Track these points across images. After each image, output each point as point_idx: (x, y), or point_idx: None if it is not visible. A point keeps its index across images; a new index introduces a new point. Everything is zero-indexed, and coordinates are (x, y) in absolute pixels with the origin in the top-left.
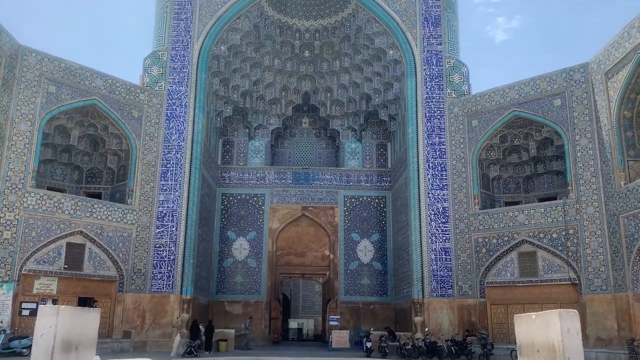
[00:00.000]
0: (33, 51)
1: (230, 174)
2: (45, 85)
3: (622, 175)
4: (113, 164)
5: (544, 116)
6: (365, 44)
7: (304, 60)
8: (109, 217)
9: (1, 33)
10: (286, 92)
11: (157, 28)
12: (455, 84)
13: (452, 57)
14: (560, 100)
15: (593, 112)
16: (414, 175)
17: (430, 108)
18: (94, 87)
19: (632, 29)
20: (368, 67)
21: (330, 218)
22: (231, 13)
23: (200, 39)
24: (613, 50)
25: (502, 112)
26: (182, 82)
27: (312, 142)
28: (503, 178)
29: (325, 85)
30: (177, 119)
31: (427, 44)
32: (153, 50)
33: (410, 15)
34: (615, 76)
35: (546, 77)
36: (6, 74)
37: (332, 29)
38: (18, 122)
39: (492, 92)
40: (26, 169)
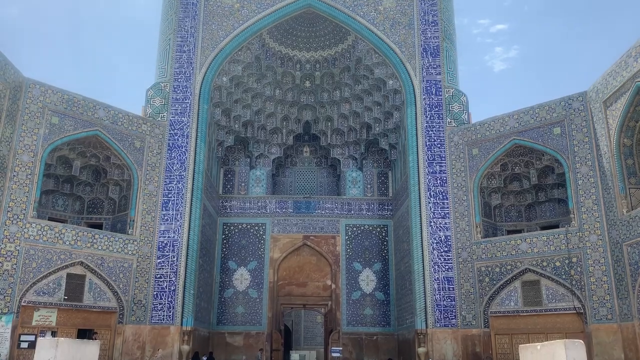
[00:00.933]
0: (37, 83)
1: (232, 203)
2: (49, 117)
3: (624, 203)
4: (115, 194)
5: (544, 144)
6: (365, 74)
7: (304, 90)
8: (109, 248)
9: (6, 66)
10: (287, 122)
11: (159, 60)
12: (455, 113)
13: (452, 86)
14: (559, 128)
15: (593, 140)
16: (415, 203)
17: (431, 137)
18: (96, 118)
19: (629, 58)
20: (368, 97)
21: (331, 247)
22: (233, 45)
23: (202, 70)
24: (611, 79)
25: (502, 141)
26: (184, 113)
27: (313, 171)
28: (505, 206)
29: (326, 114)
30: (179, 149)
31: (426, 74)
32: (156, 82)
33: (409, 46)
34: (613, 104)
35: (545, 106)
36: (10, 105)
37: (333, 60)
38: (21, 153)
39: (491, 121)
40: (28, 200)
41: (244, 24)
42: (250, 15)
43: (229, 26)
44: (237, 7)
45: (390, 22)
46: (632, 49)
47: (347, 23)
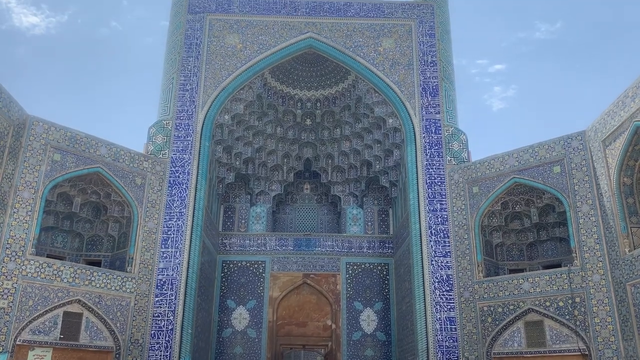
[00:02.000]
0: (40, 120)
1: (231, 240)
2: (51, 154)
3: (626, 243)
4: (114, 231)
5: (544, 183)
6: (365, 112)
7: (305, 128)
8: (107, 285)
9: (11, 104)
10: (288, 159)
11: (162, 98)
12: (455, 151)
13: (451, 125)
14: (559, 167)
15: (593, 179)
16: (416, 241)
17: (431, 175)
18: (98, 155)
19: (626, 98)
20: (368, 135)
21: (332, 286)
22: (235, 84)
23: (204, 108)
24: (609, 119)
25: (502, 179)
26: (186, 150)
27: (314, 208)
28: (506, 245)
29: (327, 152)
30: (180, 186)
31: (425, 113)
32: (158, 120)
33: (408, 86)
34: (612, 144)
35: (544, 145)
36: (13, 142)
37: (333, 99)
38: (21, 189)
39: (491, 159)
40: (27, 237)
41: (246, 64)
42: (253, 56)
43: (232, 66)
44: (239, 47)
45: (389, 62)
46: (629, 90)
47: (347, 63)
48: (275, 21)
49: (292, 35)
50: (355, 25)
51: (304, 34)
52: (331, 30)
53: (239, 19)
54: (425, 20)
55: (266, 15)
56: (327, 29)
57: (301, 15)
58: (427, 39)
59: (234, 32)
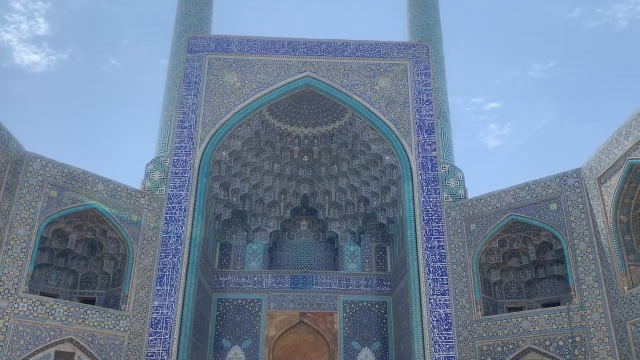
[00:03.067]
0: (38, 157)
1: (227, 277)
2: (47, 190)
3: (624, 280)
4: (109, 268)
5: (541, 220)
6: (362, 149)
7: (302, 164)
8: (101, 324)
9: (9, 140)
10: (285, 195)
11: (161, 135)
12: (452, 188)
13: (447, 162)
14: (556, 204)
15: (589, 217)
16: (414, 279)
17: (428, 212)
18: (95, 192)
19: (619, 136)
20: (365, 172)
21: (329, 325)
22: (233, 121)
23: (202, 145)
24: (604, 157)
25: (499, 216)
26: (183, 187)
27: (311, 245)
28: (504, 283)
29: (324, 188)
30: (176, 223)
31: (422, 150)
32: (156, 156)
33: (404, 123)
34: (608, 181)
35: (541, 182)
36: (10, 179)
37: (330, 136)
38: (17, 226)
39: (488, 197)
40: (20, 274)
41: (244, 102)
42: (251, 93)
43: (230, 103)
44: (238, 85)
45: (385, 100)
46: (622, 128)
47: (344, 101)
48: (274, 60)
49: (290, 74)
50: (352, 65)
51: (301, 72)
52: (328, 69)
53: (237, 58)
54: (421, 60)
55: (265, 54)
56: (325, 68)
57: (299, 54)
58: (423, 78)
59: (232, 71)
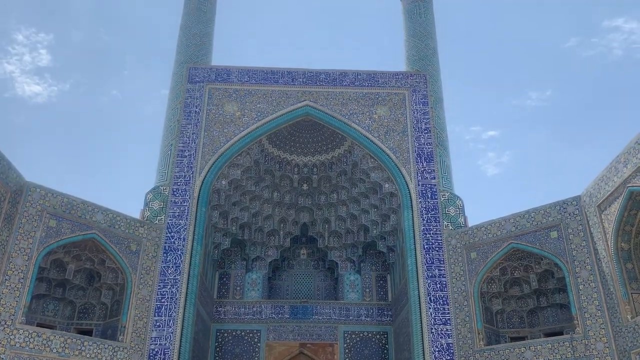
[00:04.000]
0: (38, 187)
1: (226, 308)
2: (46, 220)
3: (627, 309)
4: (107, 298)
5: (541, 248)
6: (361, 177)
7: (302, 193)
8: (98, 356)
9: (9, 170)
10: (284, 224)
11: (160, 164)
12: (452, 217)
13: (447, 190)
14: (556, 232)
15: (590, 244)
16: (415, 309)
17: (429, 240)
18: (94, 221)
19: (618, 163)
20: (365, 200)
21: (329, 356)
22: (233, 150)
23: (202, 174)
24: (603, 184)
25: (499, 244)
26: (182, 216)
27: (311, 274)
28: (506, 312)
29: (323, 217)
30: (175, 252)
31: (421, 178)
32: (155, 185)
33: (403, 152)
34: (608, 209)
35: (540, 210)
36: (9, 209)
37: (329, 164)
38: (15, 256)
39: (488, 225)
40: (17, 305)
41: (244, 131)
42: (251, 123)
43: (230, 132)
44: (238, 115)
45: (384, 129)
46: (621, 155)
47: (343, 130)
48: (273, 90)
49: (289, 103)
50: (351, 94)
51: (301, 102)
52: (327, 98)
53: (238, 88)
54: (419, 89)
55: (264, 84)
56: (324, 97)
57: (298, 84)
58: (421, 106)
59: (232, 101)
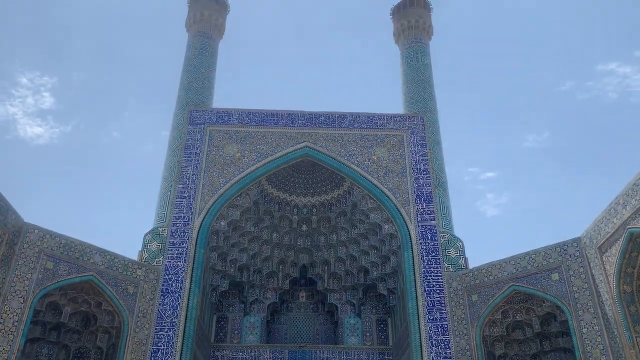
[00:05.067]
0: (36, 228)
1: (224, 352)
2: (44, 262)
3: (632, 353)
4: (103, 342)
5: (543, 290)
6: (361, 218)
7: (301, 234)
8: None
9: (8, 211)
10: (284, 265)
11: (160, 205)
12: (452, 258)
13: (447, 231)
14: (557, 274)
15: (592, 287)
16: (417, 353)
17: (429, 282)
18: (92, 263)
19: (617, 205)
20: (365, 241)
21: None
22: (232, 191)
23: (201, 215)
24: (603, 226)
25: (501, 287)
26: (180, 257)
27: (310, 317)
28: (509, 356)
29: (323, 258)
30: (173, 295)
31: (421, 219)
32: (154, 227)
33: (402, 193)
34: (609, 250)
35: (541, 252)
36: (6, 250)
37: (329, 205)
38: (10, 299)
39: (489, 267)
40: (11, 349)
41: (244, 172)
42: (251, 164)
43: (230, 173)
44: (238, 156)
45: (383, 170)
46: (619, 197)
47: (342, 171)
48: (274, 132)
49: (289, 145)
50: (350, 136)
51: (300, 143)
52: (326, 139)
53: (238, 130)
54: (416, 131)
55: (265, 126)
56: (323, 139)
57: (298, 126)
58: (419, 148)
59: (233, 142)
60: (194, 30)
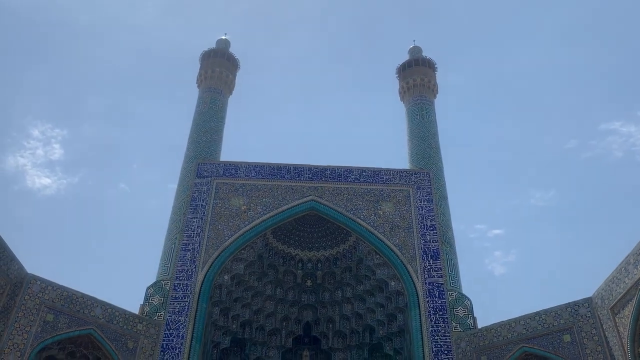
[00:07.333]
0: (38, 279)
1: None
2: (44, 314)
3: None
4: None
5: (555, 353)
6: (366, 274)
7: (305, 289)
8: None
9: (12, 262)
10: (287, 322)
11: (163, 258)
12: (460, 318)
13: (454, 289)
14: (569, 335)
15: (606, 349)
16: None
17: (437, 342)
18: (92, 316)
19: (628, 264)
20: (370, 298)
21: None
22: (237, 244)
23: (205, 268)
24: (614, 286)
25: (510, 348)
26: (182, 312)
27: None
28: None
29: (327, 315)
30: (173, 351)
31: (428, 276)
32: (157, 280)
33: (409, 249)
34: (621, 311)
35: (552, 312)
36: (7, 301)
37: (334, 260)
38: (8, 352)
39: (498, 327)
40: None
41: (249, 224)
42: (256, 217)
43: (235, 226)
44: (244, 209)
45: (389, 225)
46: (630, 256)
47: (348, 225)
48: (280, 185)
49: (295, 198)
50: (356, 190)
51: (306, 196)
52: (332, 193)
53: (244, 183)
54: (423, 186)
55: (271, 179)
56: (329, 193)
57: (304, 180)
58: (425, 204)
59: (239, 195)
60: (205, 86)
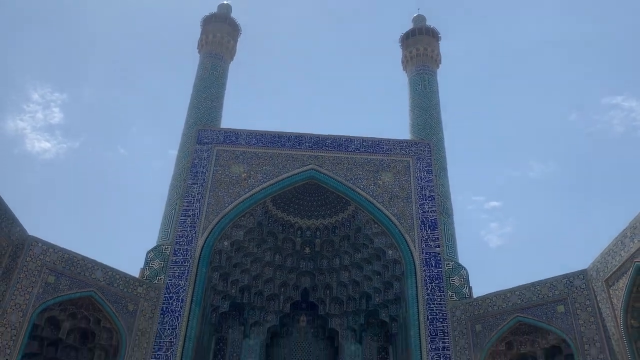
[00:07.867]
0: (39, 241)
1: None
2: (45, 276)
3: None
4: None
5: (549, 323)
6: (364, 243)
7: (304, 256)
8: None
9: (13, 224)
10: (285, 288)
11: (164, 223)
12: (456, 287)
13: (451, 259)
14: (563, 306)
15: (599, 320)
16: None
17: (432, 310)
18: (93, 279)
19: (625, 238)
20: (368, 266)
21: None
22: (237, 211)
23: (205, 234)
24: (610, 259)
25: (505, 317)
26: (182, 276)
27: (310, 342)
28: None
29: (325, 282)
30: (172, 314)
31: (425, 246)
32: (157, 244)
33: (407, 218)
34: (616, 284)
35: (546, 283)
36: (9, 263)
37: (333, 228)
38: (10, 312)
39: (493, 296)
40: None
41: (249, 192)
42: (256, 184)
43: (235, 193)
44: (244, 176)
45: (389, 195)
46: (627, 229)
47: (347, 194)
48: (280, 153)
49: (295, 167)
50: (356, 160)
51: (306, 165)
52: (332, 163)
53: (245, 150)
54: (423, 157)
55: (271, 147)
56: (329, 162)
57: (304, 148)
58: (425, 174)
59: (239, 162)
60: (206, 51)
